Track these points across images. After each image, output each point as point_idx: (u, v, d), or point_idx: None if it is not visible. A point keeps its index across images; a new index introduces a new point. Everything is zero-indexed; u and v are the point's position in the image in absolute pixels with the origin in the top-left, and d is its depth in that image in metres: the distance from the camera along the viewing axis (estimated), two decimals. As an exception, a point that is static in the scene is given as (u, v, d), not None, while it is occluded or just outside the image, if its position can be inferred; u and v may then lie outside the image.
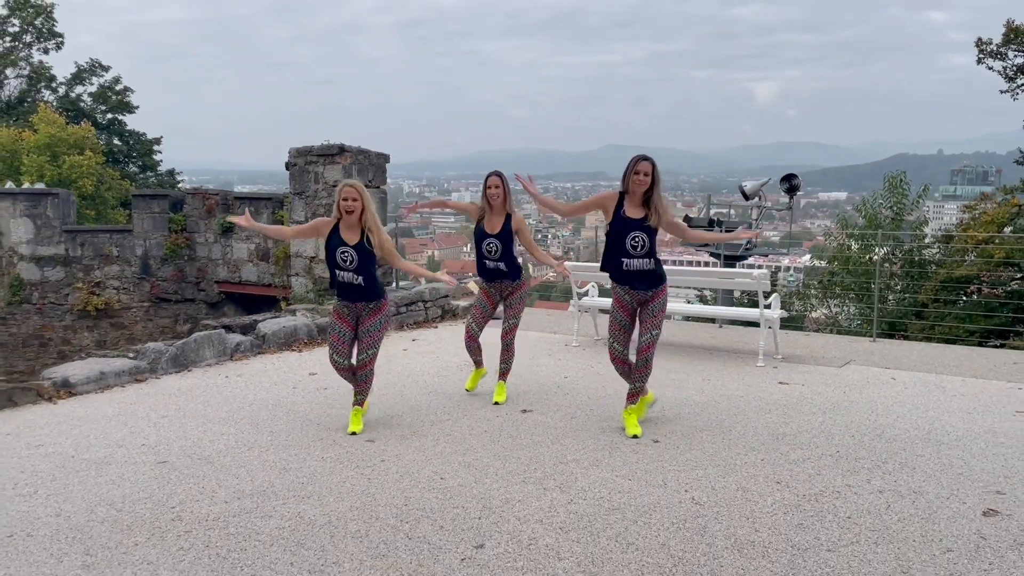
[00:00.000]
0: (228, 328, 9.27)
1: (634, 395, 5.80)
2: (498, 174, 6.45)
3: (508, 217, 6.43)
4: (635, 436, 5.62)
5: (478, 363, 6.87)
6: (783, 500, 4.54)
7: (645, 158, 5.48)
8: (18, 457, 5.26)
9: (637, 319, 5.73)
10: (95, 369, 6.99)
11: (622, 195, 5.57)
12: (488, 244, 6.43)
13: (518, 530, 4.12)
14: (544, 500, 4.52)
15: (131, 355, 7.77)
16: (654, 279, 5.61)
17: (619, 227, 5.53)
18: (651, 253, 5.55)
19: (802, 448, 5.45)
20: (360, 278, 5.60)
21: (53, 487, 4.74)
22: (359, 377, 5.82)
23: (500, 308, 6.80)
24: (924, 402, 6.73)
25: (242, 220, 5.84)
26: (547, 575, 3.65)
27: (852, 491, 4.68)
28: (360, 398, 5.86)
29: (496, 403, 6.55)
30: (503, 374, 6.76)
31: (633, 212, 5.51)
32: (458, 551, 3.89)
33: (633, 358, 5.75)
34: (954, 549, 3.92)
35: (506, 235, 6.41)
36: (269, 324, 8.74)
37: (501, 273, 6.51)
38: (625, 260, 5.54)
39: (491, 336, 7.36)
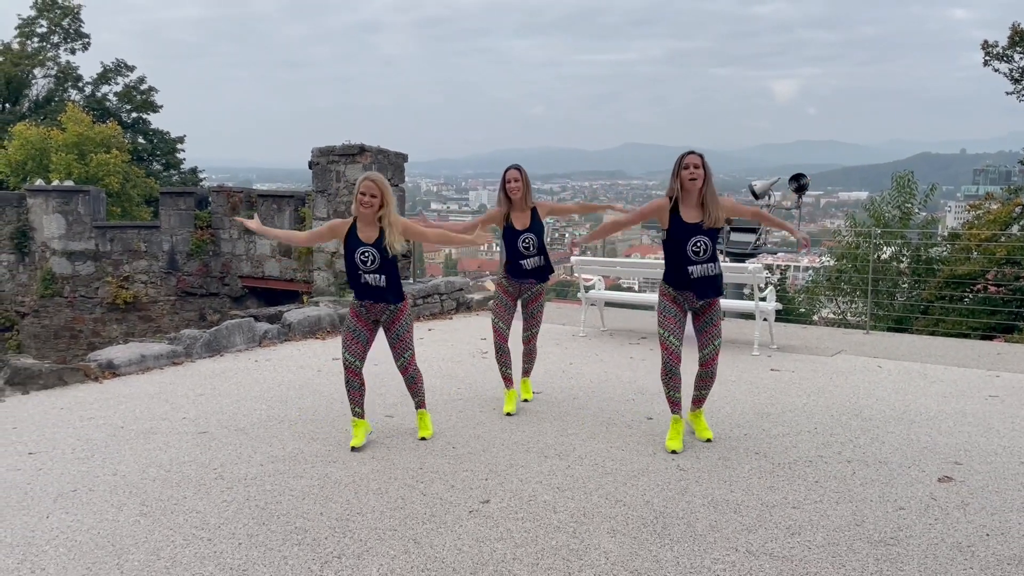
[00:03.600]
0: (255, 318, 9.87)
1: (701, 400, 5.63)
2: (517, 167, 6.15)
3: (534, 210, 6.17)
4: (708, 440, 5.53)
5: (508, 380, 6.40)
6: (759, 467, 5.05)
7: (691, 152, 5.22)
8: (73, 427, 5.85)
9: (693, 329, 5.48)
10: (136, 352, 7.59)
11: (674, 200, 5.25)
12: (524, 240, 6.09)
13: (520, 489, 4.66)
14: (544, 465, 5.06)
15: (167, 340, 8.37)
16: (719, 284, 5.37)
17: (679, 234, 5.23)
18: (714, 257, 5.29)
19: (783, 425, 5.96)
20: (383, 278, 5.32)
21: (107, 452, 5.32)
22: (407, 379, 5.61)
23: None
24: (904, 387, 7.21)
25: (252, 224, 5.62)
26: (544, 525, 4.18)
27: (823, 460, 5.19)
28: (419, 399, 5.69)
29: (526, 400, 6.50)
30: (527, 372, 6.61)
31: (690, 215, 5.22)
32: (466, 505, 4.43)
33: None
34: (906, 508, 4.42)
35: (539, 227, 6.14)
36: (294, 314, 9.32)
37: (540, 270, 6.20)
38: (691, 268, 5.24)
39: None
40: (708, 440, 5.56)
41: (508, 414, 6.24)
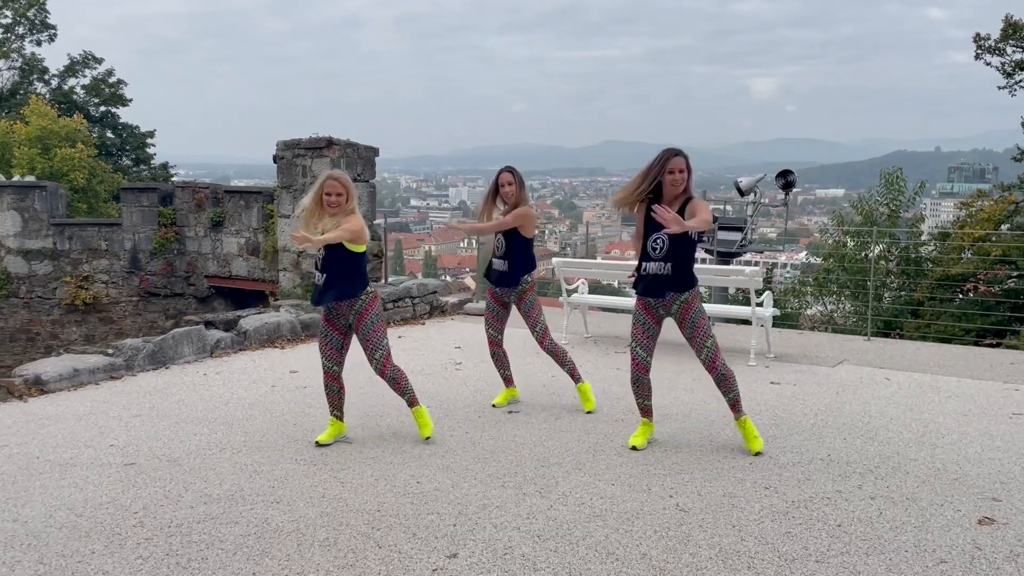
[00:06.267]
0: (211, 324, 9.09)
1: (734, 404, 5.24)
2: (511, 170, 5.87)
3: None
4: (758, 453, 5.14)
5: (507, 380, 6.33)
6: (771, 506, 4.37)
7: (677, 153, 4.91)
8: (-19, 458, 5.08)
9: (684, 336, 5.22)
10: (68, 366, 6.81)
11: (647, 194, 4.98)
12: (496, 239, 5.91)
13: (494, 538, 3.95)
14: (523, 506, 4.35)
15: (111, 351, 7.59)
16: (671, 284, 5.01)
17: (647, 229, 5.02)
18: (669, 257, 4.96)
19: (792, 452, 5.28)
20: (324, 276, 5.10)
21: (13, 490, 4.56)
22: (387, 382, 5.35)
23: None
24: (918, 403, 6.56)
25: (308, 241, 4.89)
26: (521, 587, 3.48)
27: (843, 497, 4.51)
28: (408, 397, 5.42)
29: (589, 412, 6.13)
30: (574, 377, 6.23)
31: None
32: (430, 560, 3.72)
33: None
34: (948, 560, 3.76)
35: (510, 230, 5.85)
36: (251, 320, 8.55)
37: (502, 276, 5.92)
38: (645, 263, 5.04)
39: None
40: (758, 454, 5.18)
41: (494, 405, 6.29)
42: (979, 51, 18.37)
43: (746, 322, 9.34)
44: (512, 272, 5.89)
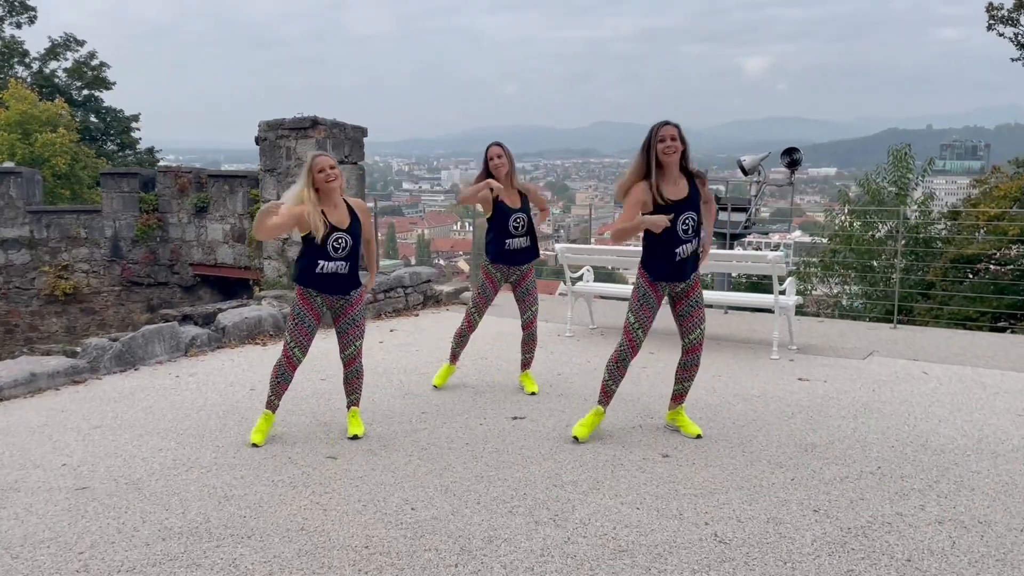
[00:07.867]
0: (188, 318, 8.43)
1: (683, 395, 5.21)
2: (499, 144, 5.91)
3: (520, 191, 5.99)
4: (698, 436, 5.08)
5: (455, 358, 6.36)
6: (824, 536, 3.75)
7: (667, 123, 4.70)
8: (-87, 482, 4.44)
9: (674, 315, 5.07)
10: (25, 370, 6.15)
11: (646, 177, 4.73)
12: (515, 219, 5.87)
13: (503, 583, 3.33)
14: (535, 538, 3.72)
15: (79, 349, 6.95)
16: (695, 263, 4.94)
17: (666, 213, 4.71)
18: (699, 232, 4.88)
19: (837, 464, 4.66)
20: (347, 266, 4.92)
21: (-57, 524, 3.92)
22: (350, 373, 5.17)
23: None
24: (966, 402, 5.95)
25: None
26: (540, 651, 2.86)
27: (905, 522, 3.90)
28: (355, 396, 5.25)
29: (532, 393, 6.13)
30: (528, 364, 6.30)
31: (673, 191, 4.73)
32: (427, 616, 3.09)
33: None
34: (1046, 606, 3.15)
35: (528, 207, 5.99)
36: (230, 315, 7.88)
37: (526, 252, 6.00)
38: (679, 249, 4.80)
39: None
40: (699, 436, 5.08)
41: (435, 386, 6.28)
42: (992, 21, 17.70)
43: (762, 310, 8.73)
44: (534, 245, 6.03)
